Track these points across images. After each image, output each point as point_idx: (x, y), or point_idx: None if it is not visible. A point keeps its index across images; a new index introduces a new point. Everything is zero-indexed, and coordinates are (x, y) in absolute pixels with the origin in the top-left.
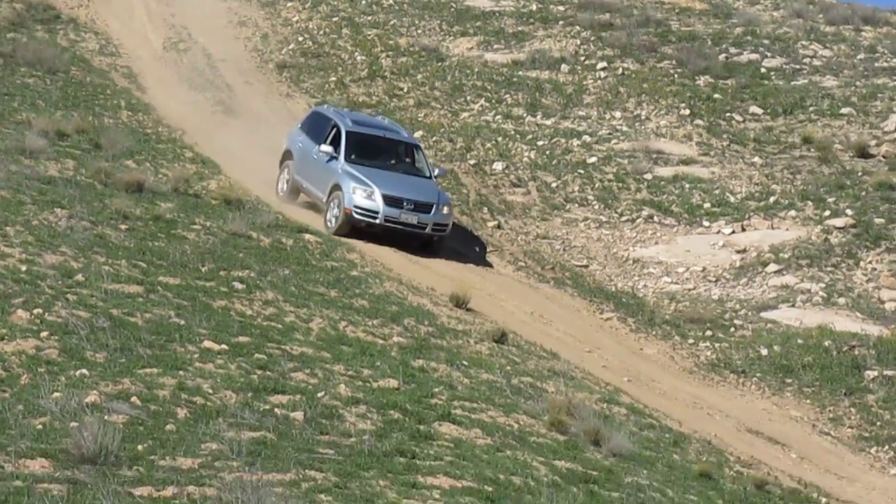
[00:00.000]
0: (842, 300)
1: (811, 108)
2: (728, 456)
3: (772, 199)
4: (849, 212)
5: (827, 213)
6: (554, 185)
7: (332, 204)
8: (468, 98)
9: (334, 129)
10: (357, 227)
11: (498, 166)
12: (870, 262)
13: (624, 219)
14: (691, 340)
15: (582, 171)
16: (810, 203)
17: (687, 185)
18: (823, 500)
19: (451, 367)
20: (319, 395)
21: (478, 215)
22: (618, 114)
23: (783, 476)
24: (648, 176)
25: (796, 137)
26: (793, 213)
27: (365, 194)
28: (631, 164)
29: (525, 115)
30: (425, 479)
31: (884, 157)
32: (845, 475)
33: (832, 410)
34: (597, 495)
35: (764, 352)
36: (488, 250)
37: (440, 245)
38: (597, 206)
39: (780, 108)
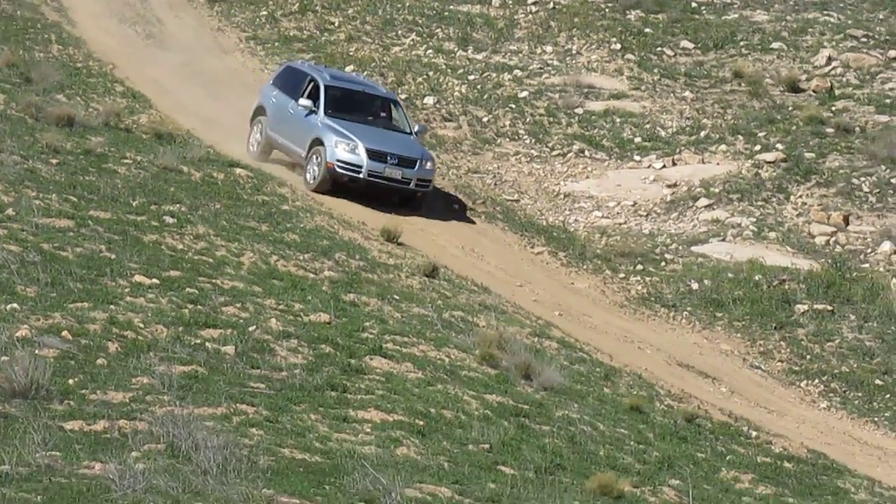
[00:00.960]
0: (772, 234)
1: (742, 43)
2: (658, 390)
3: (702, 134)
4: (779, 146)
5: (757, 147)
6: (485, 119)
7: (312, 159)
8: (399, 32)
9: (311, 84)
10: (339, 182)
11: (429, 101)
12: (800, 197)
13: (555, 153)
14: (622, 275)
15: (513, 106)
16: (741, 138)
17: (618, 120)
18: (753, 433)
19: (383, 302)
20: (251, 329)
21: None
22: (549, 48)
23: (713, 409)
24: (579, 110)
25: (727, 72)
26: (723, 147)
27: (348, 148)
28: (562, 99)
29: (456, 49)
30: (356, 412)
31: (814, 91)
32: (775, 409)
33: (762, 344)
34: (528, 429)
35: (694, 286)
36: None
37: (422, 201)
38: (528, 141)
39: (710, 42)
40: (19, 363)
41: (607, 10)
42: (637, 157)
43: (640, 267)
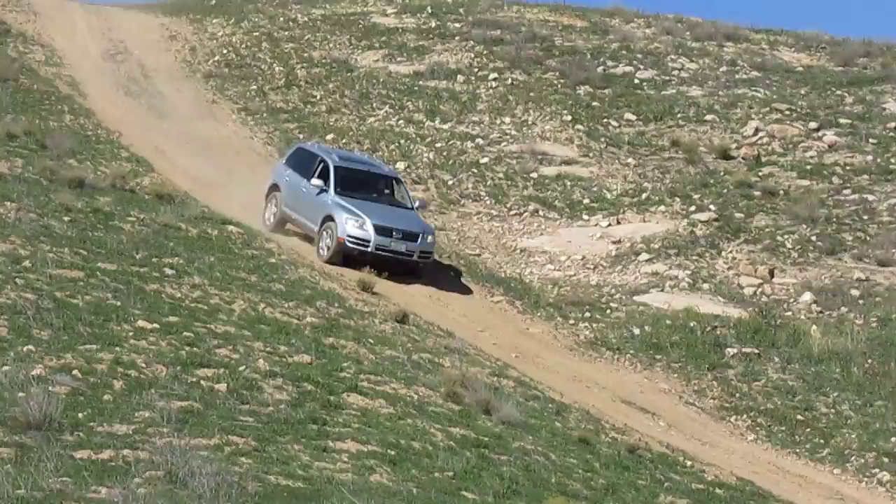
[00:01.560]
0: (706, 286)
1: (679, 115)
2: (604, 424)
3: (644, 196)
4: (712, 207)
5: (692, 208)
6: (450, 182)
7: (324, 234)
8: (374, 105)
9: (321, 164)
10: (349, 255)
11: (400, 166)
12: (730, 252)
13: (512, 213)
14: (572, 321)
15: (475, 171)
16: (678, 199)
17: (568, 183)
18: (689, 462)
19: (358, 345)
20: (241, 368)
21: None
22: (507, 119)
23: (653, 442)
24: (534, 175)
25: (666, 141)
26: (662, 208)
27: (357, 224)
28: (519, 164)
29: (425, 120)
30: (335, 443)
31: (743, 158)
32: (708, 441)
33: (696, 383)
34: (488, 458)
35: (636, 331)
36: None
37: (424, 271)
38: (488, 202)
39: (651, 114)
40: (34, 399)
41: (559, 85)
42: (585, 217)
43: (587, 314)
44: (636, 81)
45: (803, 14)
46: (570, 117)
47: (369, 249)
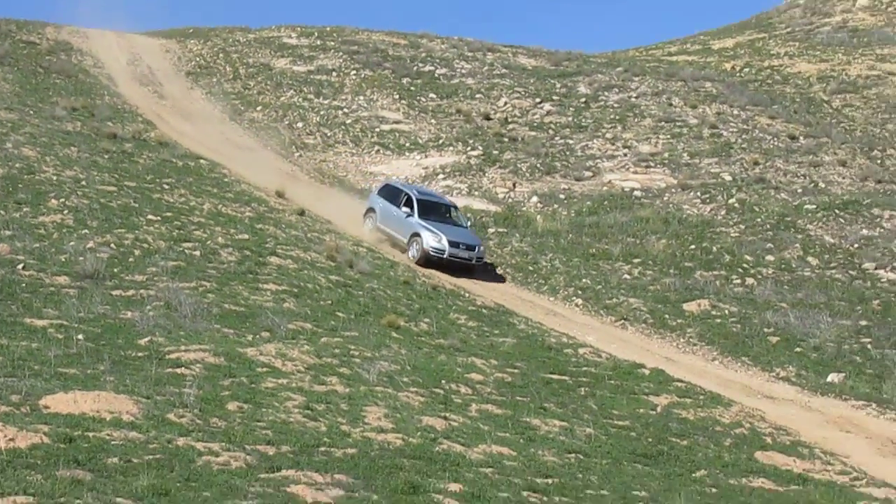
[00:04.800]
0: (476, 193)
1: (461, 94)
2: (419, 274)
3: (440, 142)
4: (479, 147)
5: (469, 148)
6: (328, 134)
7: (412, 244)
8: (284, 89)
9: (406, 197)
10: (430, 260)
11: (300, 125)
12: (491, 174)
13: (365, 152)
14: None
15: (343, 127)
16: (460, 143)
17: (397, 135)
18: (467, 294)
19: (276, 228)
20: (208, 242)
21: (289, 150)
22: (361, 98)
23: (447, 283)
24: (377, 130)
25: (453, 110)
26: (451, 148)
27: (436, 240)
28: (369, 123)
29: (314, 98)
30: (263, 285)
31: (498, 119)
32: (479, 282)
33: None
34: (351, 293)
35: None
36: (294, 169)
37: (477, 269)
38: (351, 146)
39: (444, 94)
40: (89, 260)
41: (392, 78)
42: (407, 154)
43: None
44: (436, 75)
45: (531, 34)
46: (398, 96)
47: (445, 256)
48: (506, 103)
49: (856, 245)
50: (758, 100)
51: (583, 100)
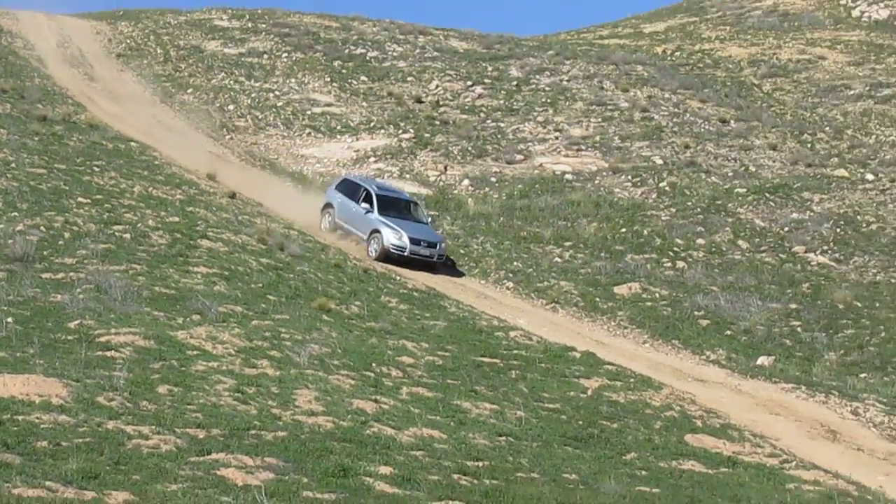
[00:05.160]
0: (408, 176)
1: (392, 77)
2: (350, 257)
3: (372, 125)
4: (411, 130)
5: (400, 131)
6: (260, 117)
7: (372, 241)
8: (216, 72)
9: (365, 192)
10: (390, 257)
11: (231, 107)
12: (422, 157)
13: (296, 134)
14: None
15: (274, 110)
16: (392, 126)
17: (329, 117)
18: (399, 277)
19: (207, 210)
20: (138, 225)
21: (220, 132)
22: (293, 80)
23: (379, 266)
24: (309, 112)
25: (385, 92)
26: (383, 131)
27: (396, 236)
28: (300, 105)
29: (245, 80)
30: (193, 268)
31: (429, 102)
32: (407, 264)
33: None
34: (282, 276)
35: None
36: (225, 151)
37: (438, 266)
38: (282, 128)
39: (376, 77)
40: (18, 243)
41: (323, 60)
42: (338, 137)
43: None
44: (367, 58)
45: (463, 17)
46: (329, 79)
47: (405, 254)
48: (437, 86)
49: (786, 228)
50: (689, 83)
51: (514, 83)
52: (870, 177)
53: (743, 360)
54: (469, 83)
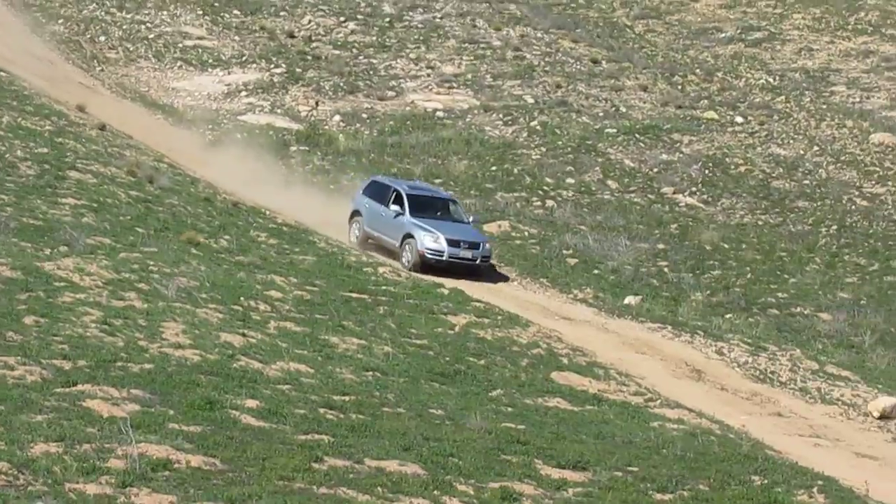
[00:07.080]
0: (279, 111)
1: (265, 12)
2: (219, 191)
3: (244, 59)
4: (283, 65)
5: (272, 66)
6: (132, 49)
7: (405, 248)
8: (87, 2)
9: (395, 193)
10: (427, 264)
11: (102, 39)
12: (294, 92)
13: (168, 67)
14: (202, 131)
15: (146, 42)
16: (264, 60)
17: (201, 50)
18: (268, 212)
19: (77, 142)
20: (7, 155)
21: (91, 64)
22: (164, 13)
23: (250, 200)
24: (181, 45)
25: (257, 27)
26: (255, 65)
27: (432, 239)
28: (172, 38)
29: (117, 11)
30: (62, 200)
31: (301, 37)
32: (281, 201)
33: (277, 166)
34: (152, 209)
35: (238, 136)
36: (96, 83)
37: (483, 270)
38: (154, 61)
39: (249, 11)
40: None
41: None
42: (210, 70)
43: (211, 127)
44: None
45: None
46: (201, 12)
47: (444, 258)
48: (310, 21)
49: (655, 170)
50: (561, 23)
51: (387, 19)
52: (739, 119)
53: (610, 300)
54: (342, 19)
